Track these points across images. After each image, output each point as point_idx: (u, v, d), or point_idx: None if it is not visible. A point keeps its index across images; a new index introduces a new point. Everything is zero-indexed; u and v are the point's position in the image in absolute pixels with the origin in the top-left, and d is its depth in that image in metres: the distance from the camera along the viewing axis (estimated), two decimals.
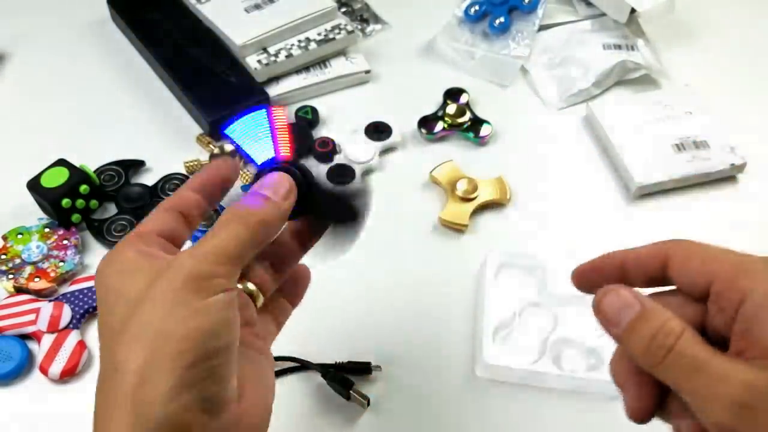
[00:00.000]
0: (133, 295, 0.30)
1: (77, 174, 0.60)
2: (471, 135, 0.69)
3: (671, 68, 0.75)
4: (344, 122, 0.70)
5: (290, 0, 0.74)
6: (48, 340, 0.53)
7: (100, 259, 0.33)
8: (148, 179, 0.66)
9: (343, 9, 0.81)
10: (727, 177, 0.66)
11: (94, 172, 0.63)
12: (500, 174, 0.65)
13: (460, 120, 0.69)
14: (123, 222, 0.61)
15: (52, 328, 0.54)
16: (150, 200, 0.63)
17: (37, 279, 0.57)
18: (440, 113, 0.70)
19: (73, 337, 0.54)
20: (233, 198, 0.35)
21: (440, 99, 0.71)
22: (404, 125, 0.70)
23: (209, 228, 0.33)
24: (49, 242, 0.59)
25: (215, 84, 0.70)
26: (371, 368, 0.52)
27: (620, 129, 0.67)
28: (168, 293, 0.29)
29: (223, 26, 0.73)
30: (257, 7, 0.74)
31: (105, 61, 0.77)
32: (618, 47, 0.75)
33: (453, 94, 0.71)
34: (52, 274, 0.57)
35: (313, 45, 0.72)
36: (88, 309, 0.55)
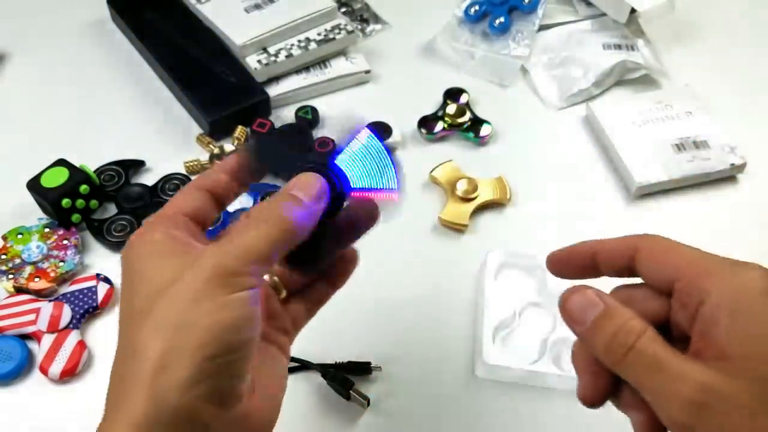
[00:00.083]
0: (159, 282, 0.30)
1: (77, 174, 0.60)
2: (471, 135, 0.69)
3: (671, 68, 0.75)
4: (344, 122, 0.70)
5: (290, 0, 0.74)
6: (48, 340, 0.53)
7: (129, 237, 0.33)
8: (148, 179, 0.66)
9: (343, 9, 0.81)
10: (727, 177, 0.66)
11: (94, 172, 0.63)
12: (500, 174, 0.65)
13: (460, 120, 0.69)
14: (123, 222, 0.61)
15: (52, 328, 0.54)
16: (150, 200, 0.63)
17: (37, 279, 0.57)
18: (440, 113, 0.70)
19: (73, 337, 0.54)
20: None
21: (440, 99, 0.71)
22: (404, 125, 0.69)
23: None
24: (49, 242, 0.59)
25: (215, 84, 0.70)
26: (371, 368, 0.53)
27: (620, 129, 0.67)
28: (194, 285, 0.30)
29: (223, 26, 0.73)
30: (257, 7, 0.74)
31: (105, 61, 0.77)
32: (618, 47, 0.75)
33: (453, 94, 0.71)
34: (52, 274, 0.57)
35: (313, 45, 0.72)
36: (88, 309, 0.55)
